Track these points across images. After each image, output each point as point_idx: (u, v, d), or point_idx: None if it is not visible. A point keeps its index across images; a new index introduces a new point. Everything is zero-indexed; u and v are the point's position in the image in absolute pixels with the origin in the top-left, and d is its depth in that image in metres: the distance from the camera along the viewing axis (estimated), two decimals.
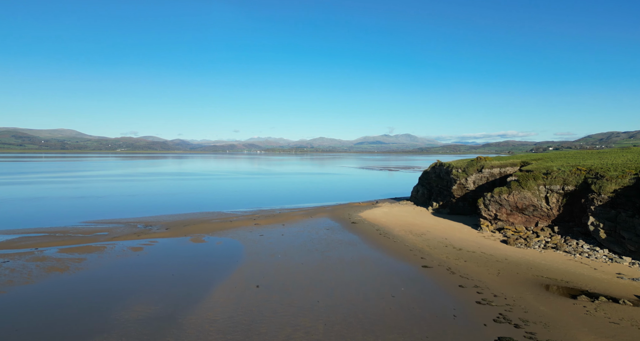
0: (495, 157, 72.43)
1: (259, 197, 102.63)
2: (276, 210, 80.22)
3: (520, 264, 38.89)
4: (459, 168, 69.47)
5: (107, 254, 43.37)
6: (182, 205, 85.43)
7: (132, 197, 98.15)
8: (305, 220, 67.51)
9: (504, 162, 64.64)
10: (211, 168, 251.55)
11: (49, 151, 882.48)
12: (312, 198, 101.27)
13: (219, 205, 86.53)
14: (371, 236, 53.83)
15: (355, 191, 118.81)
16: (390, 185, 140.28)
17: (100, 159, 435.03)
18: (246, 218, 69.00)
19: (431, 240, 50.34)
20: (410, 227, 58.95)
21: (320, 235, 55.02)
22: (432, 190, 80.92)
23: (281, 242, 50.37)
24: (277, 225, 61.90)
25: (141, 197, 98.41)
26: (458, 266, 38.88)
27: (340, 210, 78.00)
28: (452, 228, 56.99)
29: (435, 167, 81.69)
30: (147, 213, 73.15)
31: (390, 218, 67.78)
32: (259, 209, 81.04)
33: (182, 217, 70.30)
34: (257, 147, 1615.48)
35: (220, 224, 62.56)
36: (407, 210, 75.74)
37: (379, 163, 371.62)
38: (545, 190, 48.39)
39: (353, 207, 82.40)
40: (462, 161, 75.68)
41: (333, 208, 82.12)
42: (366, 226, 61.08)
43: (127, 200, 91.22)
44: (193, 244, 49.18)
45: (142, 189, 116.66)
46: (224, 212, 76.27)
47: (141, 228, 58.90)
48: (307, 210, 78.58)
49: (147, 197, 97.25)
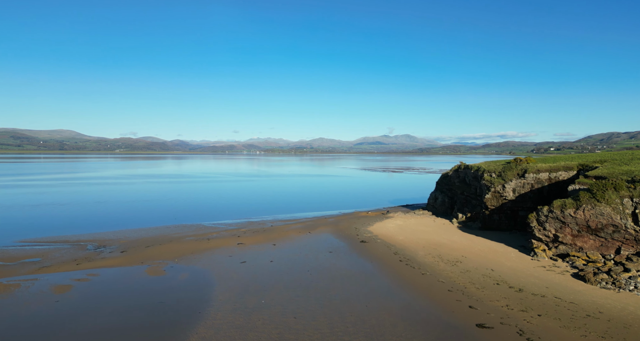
0: (538, 158, 59.13)
1: (250, 204, 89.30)
2: (268, 221, 66.93)
3: (630, 324, 25.54)
4: (493, 172, 56.17)
5: (12, 299, 30.07)
6: (157, 215, 72.06)
7: (100, 204, 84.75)
8: (303, 236, 54.24)
9: (554, 165, 51.25)
10: (206, 170, 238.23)
11: (47, 152, 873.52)
12: (311, 205, 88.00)
13: (201, 215, 73.22)
14: (389, 264, 40.52)
15: (359, 197, 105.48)
16: (399, 190, 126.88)
17: (94, 160, 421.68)
18: (229, 234, 55.69)
19: (472, 271, 37.02)
20: (438, 249, 45.60)
21: (321, 261, 41.74)
22: (454, 198, 67.67)
23: (269, 274, 37.12)
24: (266, 246, 48.61)
25: (111, 204, 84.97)
26: (531, 325, 25.59)
27: (345, 223, 64.73)
28: (494, 252, 43.65)
29: (459, 170, 68.40)
30: (109, 227, 59.86)
31: (408, 234, 54.50)
32: (248, 221, 67.75)
33: (150, 232, 57.01)
34: (256, 148, 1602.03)
35: (195, 244, 49.25)
36: (426, 223, 62.42)
37: (380, 164, 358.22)
38: (633, 204, 35.19)
39: (360, 218, 69.11)
40: (494, 163, 62.36)
41: (336, 219, 68.85)
42: (380, 247, 47.78)
43: (91, 209, 77.76)
44: (147, 278, 35.90)
45: (116, 194, 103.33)
46: (203, 225, 62.99)
47: (90, 251, 45.60)
48: (305, 223, 65.28)
49: (118, 206, 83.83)
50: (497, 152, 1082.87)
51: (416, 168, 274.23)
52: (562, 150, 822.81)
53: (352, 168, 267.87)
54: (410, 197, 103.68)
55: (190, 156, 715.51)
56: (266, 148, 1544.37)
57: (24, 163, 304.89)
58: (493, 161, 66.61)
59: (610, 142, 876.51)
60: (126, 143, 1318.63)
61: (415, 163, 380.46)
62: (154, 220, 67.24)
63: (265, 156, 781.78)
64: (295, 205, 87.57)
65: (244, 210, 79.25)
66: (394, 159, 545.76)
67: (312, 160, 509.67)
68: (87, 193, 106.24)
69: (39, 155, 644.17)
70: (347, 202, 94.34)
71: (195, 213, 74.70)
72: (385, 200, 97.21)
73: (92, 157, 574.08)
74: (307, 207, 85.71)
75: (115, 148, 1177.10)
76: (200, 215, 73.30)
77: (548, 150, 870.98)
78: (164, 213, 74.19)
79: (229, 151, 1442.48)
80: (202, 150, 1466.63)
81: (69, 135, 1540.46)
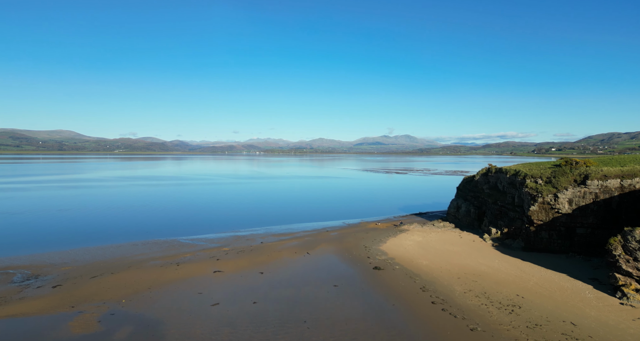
0: (596, 159, 47.56)
1: (240, 212, 77.82)
2: (258, 236, 55.44)
3: None
4: (539, 178, 44.65)
5: None
6: (127, 228, 60.55)
7: (62, 213, 73.06)
8: (299, 259, 42.80)
9: (627, 170, 39.64)
10: (202, 171, 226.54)
11: (45, 152, 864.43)
12: (310, 213, 76.50)
13: (181, 226, 61.78)
14: (418, 308, 29.03)
15: (364, 202, 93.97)
16: (407, 194, 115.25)
17: (90, 161, 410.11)
18: (206, 256, 44.22)
19: (544, 326, 25.52)
20: (480, 282, 34.09)
21: (323, 302, 30.27)
22: (482, 208, 56.27)
23: (249, 329, 25.68)
24: (250, 275, 37.16)
25: (76, 213, 73.30)
26: None
27: (351, 238, 53.26)
28: (561, 289, 32.09)
29: (490, 174, 56.92)
30: (60, 246, 48.37)
31: (433, 256, 43.02)
32: (235, 235, 56.30)
33: (108, 253, 45.55)
34: (256, 148, 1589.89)
35: (158, 272, 37.80)
36: (451, 239, 50.95)
37: (381, 164, 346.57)
38: None
39: (368, 232, 57.64)
40: (536, 166, 50.81)
41: (340, 232, 57.41)
42: (400, 277, 36.31)
43: (49, 219, 66.12)
44: (68, 338, 24.46)
45: (88, 200, 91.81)
46: (179, 242, 51.54)
47: (13, 285, 34.14)
48: (302, 238, 53.80)
49: (85, 215, 72.29)
50: (497, 153, 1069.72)
51: (419, 169, 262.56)
52: (564, 151, 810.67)
53: (353, 170, 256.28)
54: (422, 203, 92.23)
55: (189, 156, 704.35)
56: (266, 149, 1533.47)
57: (13, 164, 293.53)
58: (535, 163, 55.11)
59: (611, 143, 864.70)
60: (125, 144, 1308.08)
61: (417, 163, 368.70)
62: (121, 234, 55.78)
63: (265, 156, 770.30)
64: (292, 214, 76.07)
65: (232, 221, 67.72)
66: (395, 160, 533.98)
67: (312, 160, 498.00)
68: (54, 198, 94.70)
69: (36, 155, 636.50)
70: (351, 209, 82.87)
71: (175, 225, 63.18)
72: (395, 207, 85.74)
73: (89, 157, 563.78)
74: (306, 215, 74.23)
75: (115, 148, 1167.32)
76: (179, 227, 61.82)
77: (549, 151, 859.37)
78: (137, 225, 62.70)
79: (228, 151, 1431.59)
80: (202, 151, 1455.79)
81: (69, 135, 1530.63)
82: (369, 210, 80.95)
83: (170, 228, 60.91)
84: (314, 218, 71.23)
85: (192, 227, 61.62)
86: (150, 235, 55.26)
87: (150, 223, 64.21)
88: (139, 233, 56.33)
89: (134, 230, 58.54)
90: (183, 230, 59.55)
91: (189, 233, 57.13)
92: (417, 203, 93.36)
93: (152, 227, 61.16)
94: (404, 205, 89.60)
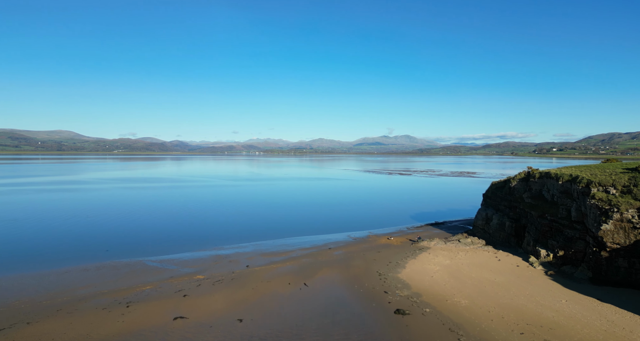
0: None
1: (228, 223, 67.15)
2: (244, 256, 44.74)
3: None
4: (609, 185, 33.89)
5: None
6: (82, 245, 49.70)
7: (13, 224, 61.95)
8: (294, 294, 32.08)
9: None
10: (197, 172, 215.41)
11: (44, 152, 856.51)
12: (310, 224, 65.76)
13: (151, 244, 51.06)
14: None
15: (370, 209, 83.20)
16: (418, 199, 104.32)
17: (85, 161, 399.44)
18: (172, 289, 33.51)
19: None
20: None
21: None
22: (520, 220, 45.60)
23: None
24: (225, 323, 26.44)
25: (29, 224, 62.28)
26: None
27: (360, 260, 42.51)
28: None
29: (532, 179, 46.10)
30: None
31: (470, 290, 32.29)
32: (215, 255, 45.60)
33: (43, 283, 34.86)
34: (256, 148, 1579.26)
35: (98, 318, 27.09)
36: (486, 262, 40.17)
37: (383, 165, 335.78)
38: None
39: (381, 249, 46.90)
40: (599, 170, 39.93)
41: (345, 251, 46.69)
42: (433, 328, 25.60)
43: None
44: None
45: (52, 207, 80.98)
46: (144, 265, 40.90)
47: None
48: (299, 259, 43.10)
49: (39, 226, 61.44)
50: (498, 153, 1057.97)
51: (423, 170, 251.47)
52: (565, 151, 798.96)
53: (354, 170, 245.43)
54: (435, 210, 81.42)
55: (188, 157, 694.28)
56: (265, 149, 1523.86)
57: (2, 165, 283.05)
58: (595, 167, 44.24)
59: (612, 143, 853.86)
60: (125, 144, 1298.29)
61: (418, 164, 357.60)
62: (74, 254, 45.03)
63: (264, 157, 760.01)
64: (288, 224, 65.31)
65: (217, 234, 57.00)
66: (395, 160, 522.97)
67: (312, 161, 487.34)
68: (14, 204, 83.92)
69: (35, 156, 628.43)
70: (356, 217, 72.14)
71: (146, 240, 52.40)
72: (405, 215, 75.01)
73: (87, 158, 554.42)
74: (304, 226, 63.49)
75: (114, 148, 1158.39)
76: (152, 243, 51.08)
77: (550, 151, 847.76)
78: (101, 240, 51.97)
79: (228, 152, 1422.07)
80: (201, 151, 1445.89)
81: (68, 135, 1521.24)
82: (377, 219, 70.30)
83: (139, 244, 50.20)
84: (314, 230, 60.55)
85: (167, 243, 50.91)
86: (111, 255, 44.56)
87: (117, 238, 53.43)
88: (97, 253, 45.59)
89: (93, 248, 47.82)
90: (155, 247, 48.86)
91: (161, 252, 46.43)
92: (430, 209, 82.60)
93: (118, 243, 50.43)
94: (416, 212, 78.86)
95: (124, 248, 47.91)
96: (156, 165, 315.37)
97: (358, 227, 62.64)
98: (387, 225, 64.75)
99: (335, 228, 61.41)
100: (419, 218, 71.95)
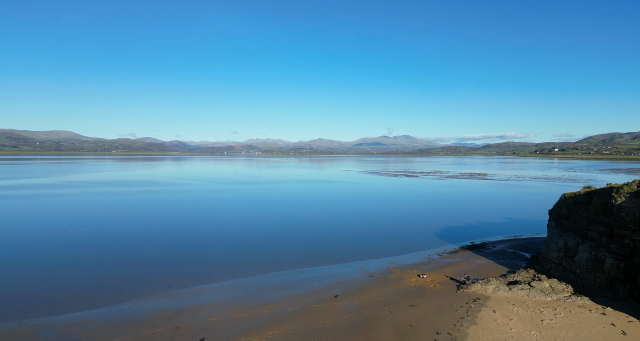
0: None
1: (196, 248, 52.06)
2: (205, 313, 29.76)
3: None
4: None
5: None
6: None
7: None
8: None
9: None
10: (190, 174, 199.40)
11: (43, 153, 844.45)
12: (307, 245, 50.60)
13: (88, 283, 36.16)
14: None
15: (385, 224, 67.80)
16: (438, 208, 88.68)
17: (80, 162, 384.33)
18: None
19: None
20: None
21: None
22: (633, 257, 30.66)
23: None
24: None
25: None
26: None
27: (386, 320, 27.63)
28: None
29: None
30: None
31: None
32: (161, 310, 30.64)
33: None
34: (255, 148, 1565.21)
35: None
36: (600, 333, 25.30)
37: (384, 166, 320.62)
38: None
39: (413, 300, 31.96)
40: None
41: (360, 300, 31.76)
42: None
43: None
44: None
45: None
46: (35, 339, 25.96)
47: None
48: (286, 323, 28.07)
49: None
50: (498, 153, 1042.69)
51: (430, 171, 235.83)
52: (567, 151, 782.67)
53: (356, 172, 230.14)
54: (464, 224, 66.23)
55: (186, 157, 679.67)
56: (265, 149, 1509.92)
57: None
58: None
59: (613, 143, 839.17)
60: (124, 144, 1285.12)
61: (421, 165, 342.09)
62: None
63: (264, 157, 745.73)
64: (279, 248, 50.25)
65: (176, 268, 41.86)
66: (396, 160, 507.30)
67: (312, 161, 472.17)
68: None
69: (33, 156, 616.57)
70: (367, 235, 57.12)
71: (84, 277, 37.41)
72: (429, 232, 59.96)
73: (85, 158, 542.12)
74: (299, 250, 48.48)
75: (113, 149, 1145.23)
76: (90, 281, 36.17)
77: (552, 151, 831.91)
78: (17, 281, 37.03)
79: (227, 152, 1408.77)
80: (201, 151, 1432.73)
81: (67, 136, 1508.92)
82: (393, 238, 55.43)
83: (70, 285, 35.37)
84: (312, 256, 45.65)
85: (95, 287, 35.97)
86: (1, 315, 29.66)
87: (31, 279, 38.47)
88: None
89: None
90: (73, 296, 33.95)
91: (80, 305, 31.49)
92: (456, 223, 67.53)
93: (25, 289, 35.51)
94: (440, 227, 63.79)
95: (34, 298, 32.90)
96: (151, 166, 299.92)
97: (371, 251, 47.88)
98: (410, 248, 49.90)
99: (341, 253, 46.58)
100: (447, 236, 57.04)
